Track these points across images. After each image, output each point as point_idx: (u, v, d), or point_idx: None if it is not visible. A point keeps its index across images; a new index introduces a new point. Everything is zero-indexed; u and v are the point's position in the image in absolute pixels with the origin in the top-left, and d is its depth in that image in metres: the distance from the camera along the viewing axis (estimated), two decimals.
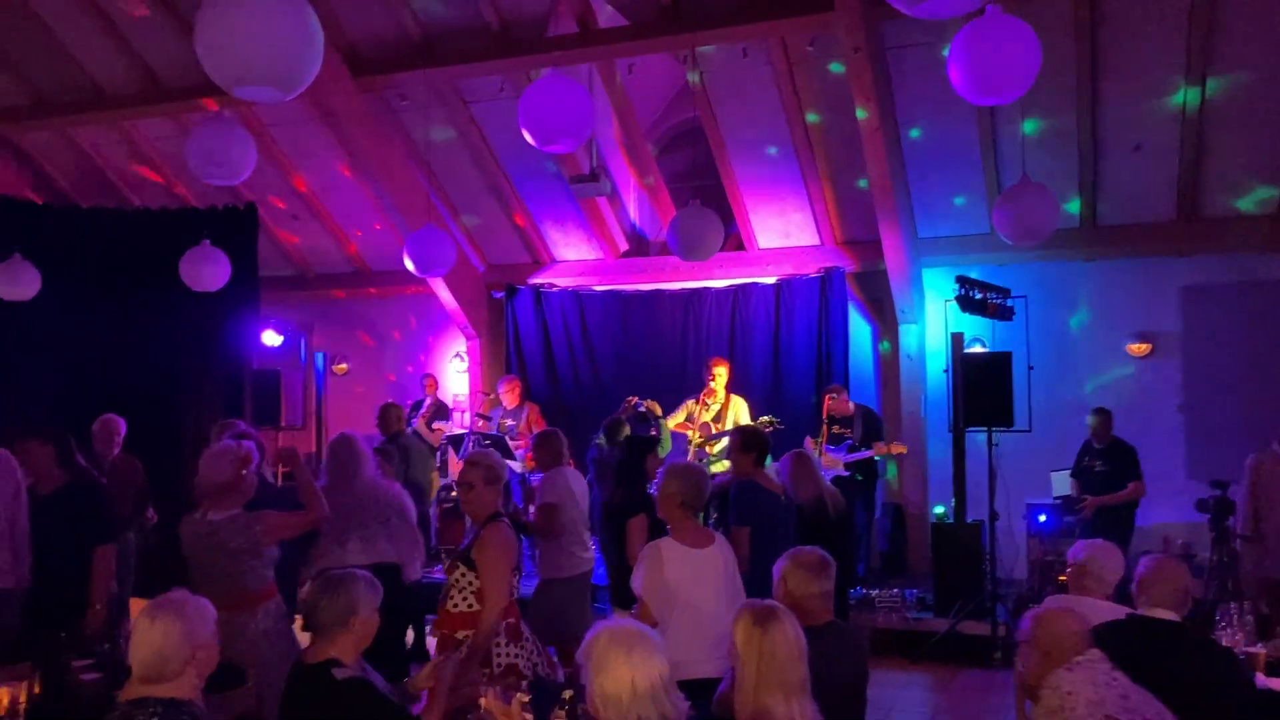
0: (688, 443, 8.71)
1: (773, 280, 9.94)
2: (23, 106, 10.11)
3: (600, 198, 9.88)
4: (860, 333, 9.86)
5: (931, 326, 9.35)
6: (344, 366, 11.97)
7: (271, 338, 10.57)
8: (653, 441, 6.63)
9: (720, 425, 8.65)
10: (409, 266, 8.13)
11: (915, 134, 8.55)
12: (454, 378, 11.44)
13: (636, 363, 10.37)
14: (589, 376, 10.65)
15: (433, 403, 10.26)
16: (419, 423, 9.80)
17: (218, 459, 4.33)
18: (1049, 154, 8.25)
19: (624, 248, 10.68)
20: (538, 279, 10.87)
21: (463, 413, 10.72)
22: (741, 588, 4.28)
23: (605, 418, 8.19)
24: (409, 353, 11.82)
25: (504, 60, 8.50)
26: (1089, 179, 8.56)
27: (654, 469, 5.78)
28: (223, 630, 3.02)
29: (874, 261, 9.28)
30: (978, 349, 8.70)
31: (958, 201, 9.02)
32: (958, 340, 7.91)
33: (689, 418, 8.78)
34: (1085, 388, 9.06)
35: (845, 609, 6.70)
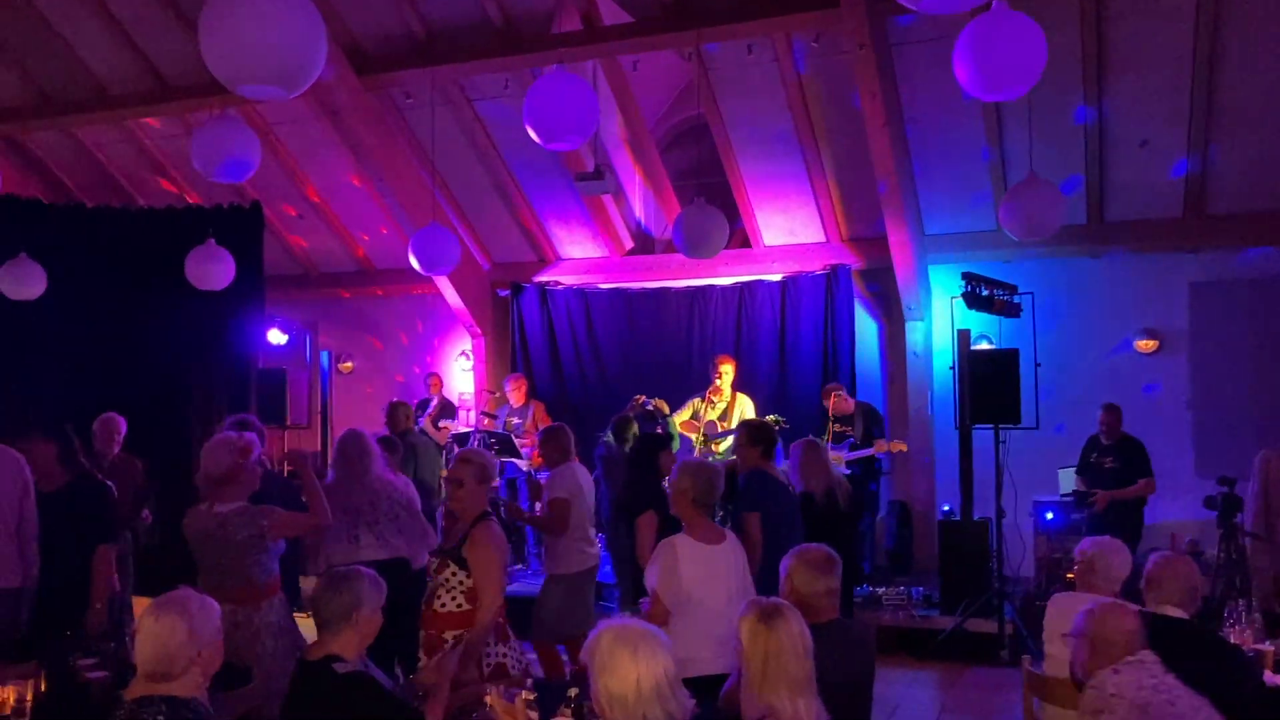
0: (693, 444, 8.70)
1: (778, 278, 9.92)
2: (28, 106, 10.12)
3: (605, 195, 9.87)
4: (866, 330, 9.85)
5: (938, 323, 9.32)
6: (349, 365, 11.98)
7: (277, 336, 10.58)
8: (666, 438, 6.59)
9: (726, 423, 8.63)
10: (414, 265, 8.13)
11: (921, 130, 8.52)
12: (459, 376, 11.44)
13: (642, 361, 10.36)
14: (594, 374, 10.64)
15: (439, 401, 10.26)
16: (425, 421, 9.80)
17: (215, 449, 4.33)
18: (1056, 150, 8.22)
19: (629, 245, 10.67)
20: (543, 277, 10.86)
21: (468, 411, 10.72)
22: (751, 585, 4.27)
23: (611, 416, 8.17)
24: (414, 352, 11.81)
25: (508, 58, 8.49)
26: (1096, 175, 8.53)
27: (667, 465, 5.74)
28: (227, 623, 3.02)
29: (880, 258, 9.26)
30: (984, 346, 8.67)
31: (964, 198, 8.99)
32: (964, 337, 7.88)
33: (694, 415, 8.77)
34: (1093, 385, 9.02)
35: (850, 606, 6.69)
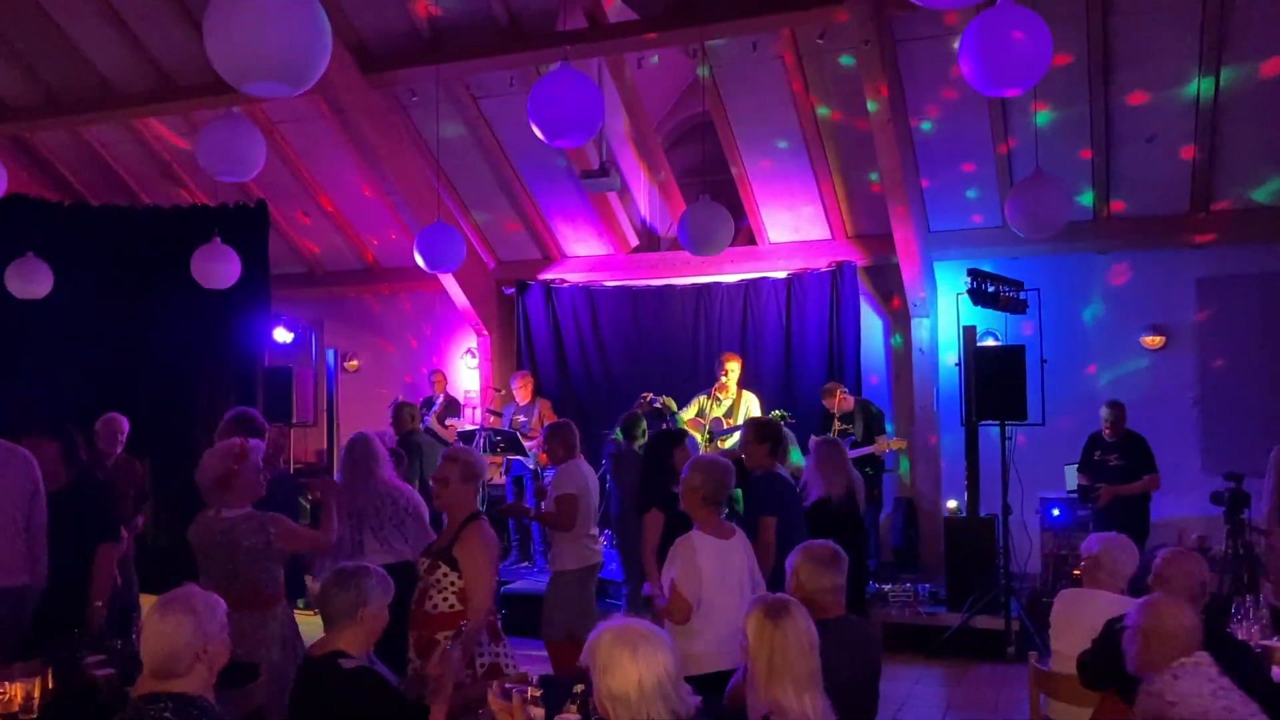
0: (698, 442, 8.68)
1: (784, 275, 9.91)
2: (34, 105, 10.13)
3: (610, 193, 9.86)
4: (872, 327, 9.83)
5: (943, 320, 9.30)
6: (355, 363, 11.99)
7: (283, 335, 10.60)
8: (681, 434, 6.55)
9: (731, 420, 8.63)
10: (419, 263, 8.13)
11: (926, 127, 8.51)
12: (465, 374, 11.44)
13: (647, 358, 10.35)
14: (600, 372, 10.64)
15: (445, 399, 10.27)
16: (432, 419, 9.80)
17: (210, 455, 4.31)
18: (1061, 146, 8.19)
19: (634, 243, 10.66)
20: (548, 275, 10.86)
21: (474, 409, 10.72)
22: (761, 580, 4.27)
23: (616, 413, 8.15)
24: (420, 350, 11.82)
25: (513, 55, 8.48)
26: (1102, 171, 8.51)
27: (681, 461, 5.71)
28: (234, 630, 3.01)
29: (885, 255, 9.25)
30: (990, 342, 8.66)
31: (969, 194, 8.97)
32: (970, 333, 7.87)
33: (700, 413, 8.77)
34: (1099, 381, 9.01)
35: (863, 605, 6.67)
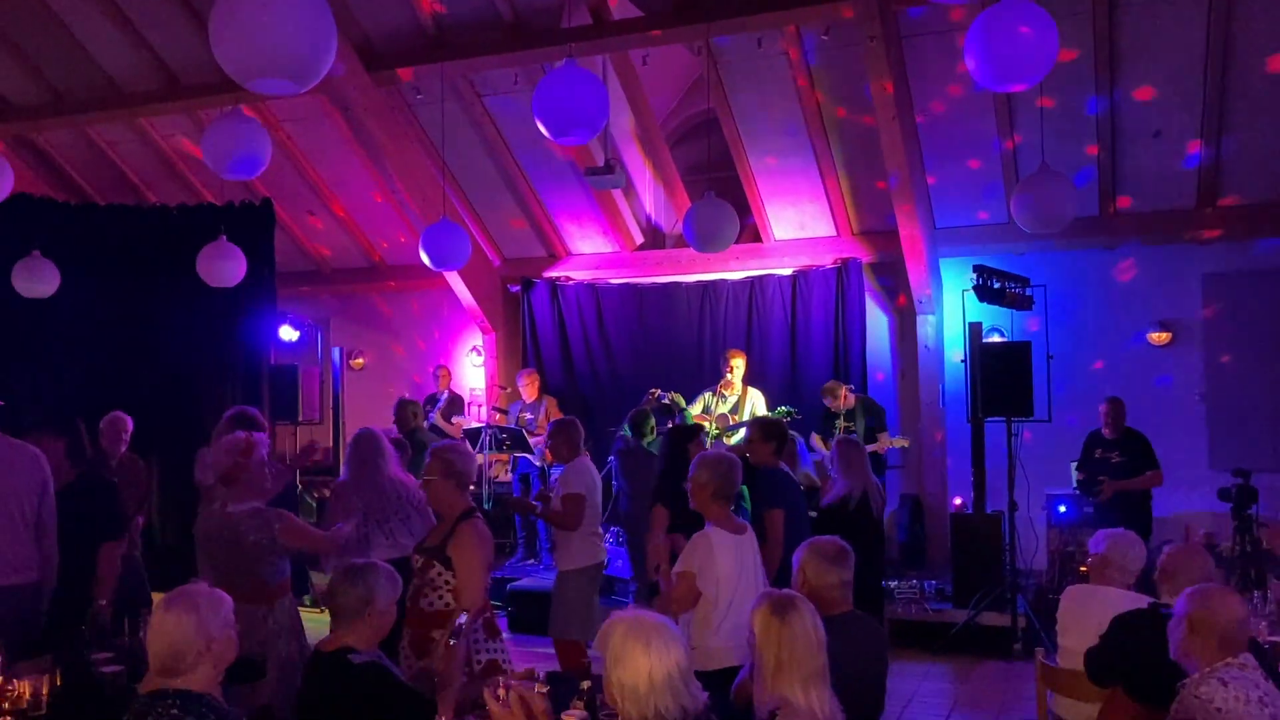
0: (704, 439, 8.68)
1: (789, 271, 9.90)
2: (40, 105, 10.15)
3: (615, 190, 9.86)
4: (877, 323, 9.82)
5: (949, 316, 9.29)
6: (361, 361, 12.01)
7: (288, 333, 10.59)
8: (696, 429, 6.51)
9: (737, 417, 8.64)
10: (425, 261, 8.14)
11: (931, 122, 8.49)
12: (470, 372, 11.46)
13: (653, 355, 10.36)
14: (605, 369, 10.65)
15: (449, 396, 10.27)
16: (437, 416, 9.81)
17: (214, 451, 4.32)
18: (1067, 141, 8.18)
19: (639, 240, 10.66)
20: (553, 272, 10.86)
21: (480, 406, 10.72)
22: (765, 577, 4.27)
23: (622, 410, 8.15)
24: (426, 348, 11.83)
25: (518, 53, 8.48)
26: (1108, 166, 8.48)
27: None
28: (241, 623, 3.02)
29: (891, 251, 9.24)
30: (996, 339, 8.64)
31: (975, 190, 8.95)
32: (976, 330, 7.85)
33: (706, 409, 8.77)
34: (1105, 377, 8.98)
35: (880, 603, 6.67)
